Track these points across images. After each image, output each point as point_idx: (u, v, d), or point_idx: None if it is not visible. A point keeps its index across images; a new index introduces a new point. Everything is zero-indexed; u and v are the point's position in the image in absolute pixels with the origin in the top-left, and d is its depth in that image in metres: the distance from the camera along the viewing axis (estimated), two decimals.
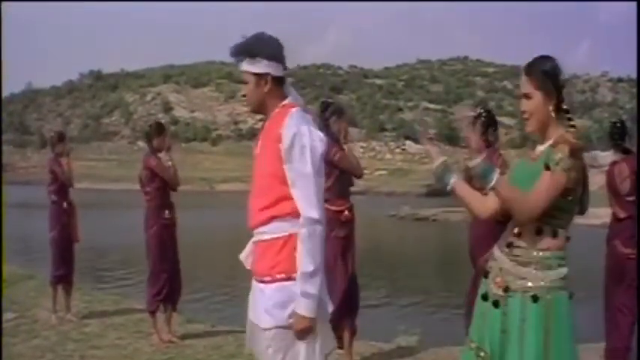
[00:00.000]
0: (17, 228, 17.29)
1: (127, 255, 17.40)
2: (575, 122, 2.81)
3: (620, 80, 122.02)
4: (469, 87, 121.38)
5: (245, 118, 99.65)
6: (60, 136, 7.47)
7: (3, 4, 6.64)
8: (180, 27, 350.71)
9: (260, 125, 3.00)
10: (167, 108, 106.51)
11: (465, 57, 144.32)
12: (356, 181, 5.44)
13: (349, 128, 5.50)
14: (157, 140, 6.40)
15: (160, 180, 6.29)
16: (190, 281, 6.70)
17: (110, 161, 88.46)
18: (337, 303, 4.48)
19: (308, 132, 2.71)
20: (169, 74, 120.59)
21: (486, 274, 2.86)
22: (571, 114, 2.80)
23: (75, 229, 7.24)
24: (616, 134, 5.27)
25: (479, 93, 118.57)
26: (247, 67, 2.81)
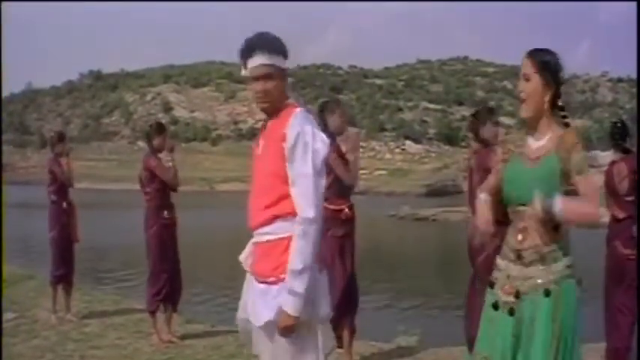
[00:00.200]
0: (17, 228, 17.30)
1: (127, 255, 17.42)
2: (569, 120, 2.82)
3: (620, 80, 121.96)
4: (469, 87, 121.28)
5: (245, 118, 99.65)
6: (60, 136, 7.47)
7: (3, 4, 6.65)
8: (180, 27, 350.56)
9: (260, 125, 2.99)
10: (167, 108, 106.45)
11: (465, 57, 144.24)
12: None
13: (350, 128, 5.49)
14: (158, 140, 6.40)
15: (160, 180, 6.29)
16: (190, 281, 6.70)
17: (110, 161, 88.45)
18: (336, 302, 4.47)
19: (311, 132, 2.71)
20: (169, 74, 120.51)
21: (492, 285, 2.84)
22: (570, 114, 2.81)
23: (75, 229, 7.25)
24: (617, 134, 5.26)
25: (479, 93, 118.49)
26: (276, 62, 2.77)
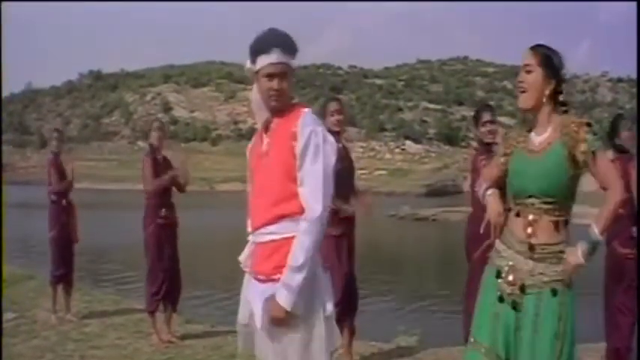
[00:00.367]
0: (17, 228, 17.29)
1: (127, 255, 17.40)
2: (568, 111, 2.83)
3: (619, 80, 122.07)
4: (469, 87, 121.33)
5: (245, 118, 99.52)
6: (59, 135, 7.49)
7: (3, 4, 6.64)
8: (180, 27, 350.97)
9: (259, 125, 2.96)
10: (167, 108, 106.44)
11: (465, 57, 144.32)
12: (355, 181, 5.42)
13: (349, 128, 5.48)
14: (154, 136, 6.43)
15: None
16: (190, 281, 6.69)
17: (110, 161, 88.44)
18: (335, 302, 4.46)
19: (322, 134, 2.72)
20: (169, 74, 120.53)
21: (498, 275, 2.82)
22: (570, 114, 2.81)
23: (74, 229, 7.25)
24: (610, 132, 5.24)
25: (479, 93, 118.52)
26: (290, 61, 2.78)
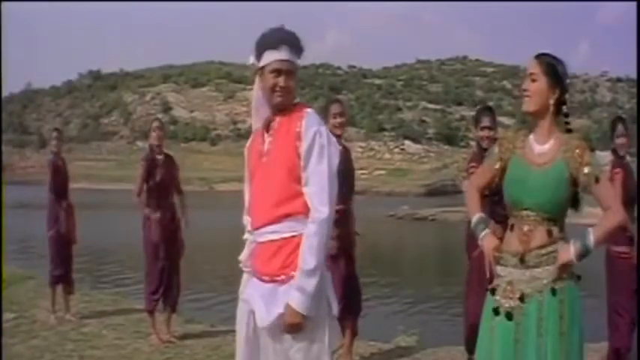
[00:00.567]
0: (16, 228, 17.27)
1: (126, 255, 17.42)
2: (571, 127, 2.84)
3: (619, 80, 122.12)
4: (468, 87, 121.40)
5: (244, 118, 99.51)
6: (58, 134, 7.50)
7: (3, 4, 6.63)
8: (179, 27, 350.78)
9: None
10: (166, 108, 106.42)
11: (464, 57, 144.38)
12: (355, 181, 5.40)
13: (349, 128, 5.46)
14: (152, 136, 6.43)
15: (154, 180, 6.28)
16: (189, 281, 6.70)
17: (109, 161, 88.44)
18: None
19: (327, 134, 2.72)
20: (168, 74, 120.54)
21: (493, 292, 2.82)
22: (570, 114, 2.82)
23: (73, 230, 7.23)
24: (610, 134, 5.24)
25: (478, 93, 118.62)
26: (297, 60, 2.79)
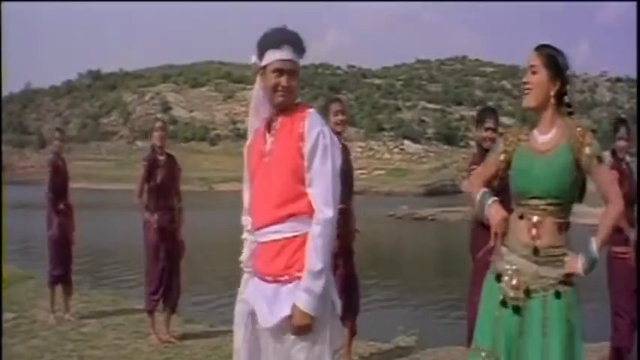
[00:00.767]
0: (16, 228, 17.27)
1: (126, 255, 17.41)
2: (574, 117, 2.84)
3: (618, 80, 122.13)
4: (468, 87, 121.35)
5: (243, 118, 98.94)
6: (60, 134, 7.50)
7: (3, 4, 6.63)
8: (179, 27, 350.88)
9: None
10: (166, 108, 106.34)
11: (464, 57, 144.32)
12: (354, 181, 5.40)
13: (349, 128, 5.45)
14: (154, 137, 6.43)
15: (154, 180, 6.28)
16: (189, 281, 6.70)
17: (108, 161, 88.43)
18: None
19: (330, 134, 2.73)
20: (168, 74, 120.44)
21: (498, 278, 2.81)
22: (573, 112, 2.82)
23: (72, 230, 7.21)
24: (611, 135, 5.24)
25: (477, 93, 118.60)
26: (299, 60, 2.82)
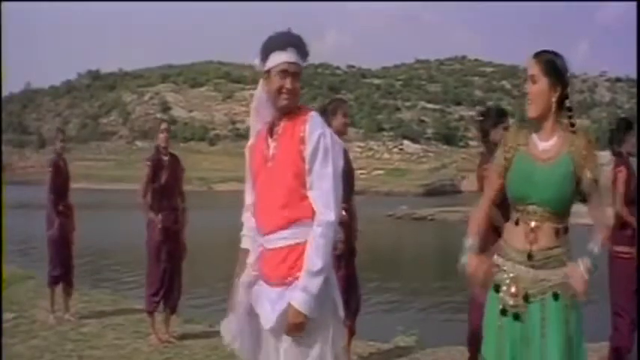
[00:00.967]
0: (15, 228, 17.26)
1: (125, 255, 17.42)
2: (575, 121, 2.83)
3: (618, 80, 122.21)
4: (467, 87, 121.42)
5: (243, 118, 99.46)
6: (61, 134, 7.50)
7: (3, 4, 6.62)
8: (178, 27, 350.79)
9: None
10: (165, 108, 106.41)
11: (463, 57, 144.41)
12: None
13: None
14: (159, 138, 6.43)
15: (159, 181, 6.28)
16: (188, 281, 6.69)
17: (108, 161, 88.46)
18: None
19: (330, 135, 2.73)
20: (167, 74, 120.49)
21: (497, 289, 2.80)
22: (573, 116, 2.82)
23: (72, 230, 7.20)
24: (615, 134, 5.23)
25: (477, 93, 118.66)
26: (302, 63, 2.82)
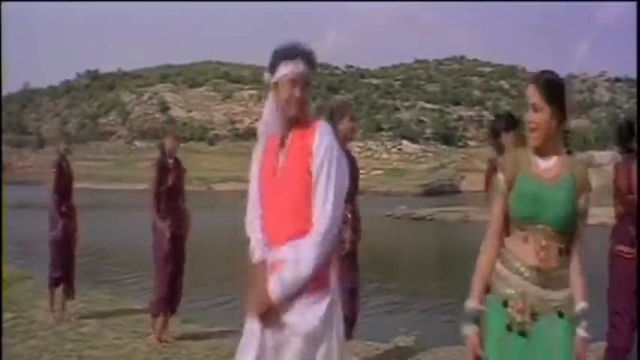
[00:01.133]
0: (14, 228, 17.25)
1: (125, 255, 17.42)
2: (570, 149, 2.82)
3: (617, 80, 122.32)
4: (466, 87, 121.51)
5: (242, 118, 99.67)
6: (66, 137, 7.50)
7: (3, 4, 6.62)
8: (177, 27, 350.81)
9: (256, 125, 2.98)
10: (164, 108, 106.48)
11: (462, 57, 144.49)
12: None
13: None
14: (167, 143, 6.43)
15: (165, 184, 6.27)
16: (187, 281, 6.68)
17: (107, 161, 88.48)
18: None
19: (337, 147, 2.75)
20: (166, 74, 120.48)
21: (505, 303, 2.75)
22: (568, 118, 2.79)
23: (75, 232, 7.18)
24: (625, 133, 5.21)
25: (475, 93, 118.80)
26: (310, 73, 2.82)
